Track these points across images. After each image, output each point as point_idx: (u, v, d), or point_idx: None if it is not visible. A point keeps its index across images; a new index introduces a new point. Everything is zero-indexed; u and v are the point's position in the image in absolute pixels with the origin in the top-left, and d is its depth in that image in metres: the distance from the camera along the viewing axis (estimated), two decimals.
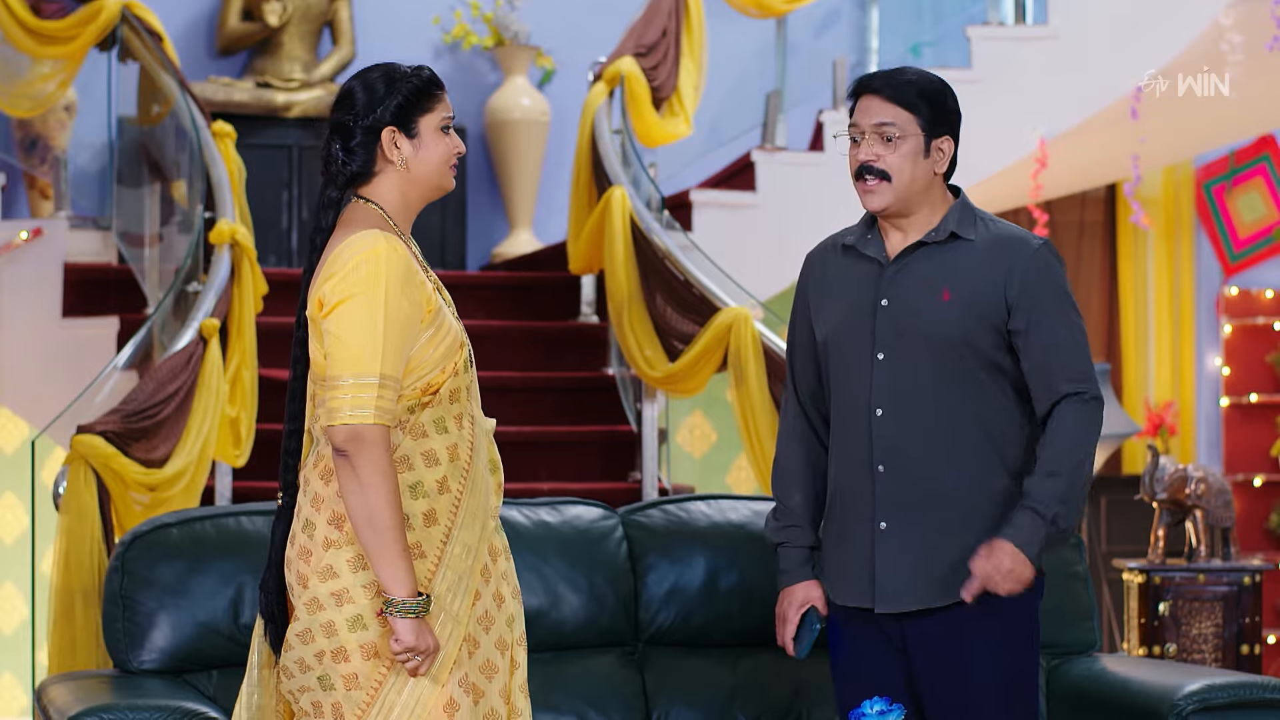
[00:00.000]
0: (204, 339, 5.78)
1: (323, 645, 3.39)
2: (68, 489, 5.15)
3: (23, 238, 7.39)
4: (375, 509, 3.30)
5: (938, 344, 3.79)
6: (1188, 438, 10.01)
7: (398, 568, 3.31)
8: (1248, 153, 10.03)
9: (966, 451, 3.80)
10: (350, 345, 3.33)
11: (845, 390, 3.88)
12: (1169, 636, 6.07)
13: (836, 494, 3.93)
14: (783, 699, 4.60)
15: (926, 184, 3.83)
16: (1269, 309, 10.00)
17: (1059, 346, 3.79)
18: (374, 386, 3.31)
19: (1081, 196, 10.03)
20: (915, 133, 3.81)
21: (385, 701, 3.37)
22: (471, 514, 3.45)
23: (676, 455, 8.96)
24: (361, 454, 3.31)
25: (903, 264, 3.85)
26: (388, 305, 3.33)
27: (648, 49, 7.44)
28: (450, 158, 3.51)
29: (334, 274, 3.36)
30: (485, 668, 3.45)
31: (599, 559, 4.61)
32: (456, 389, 3.46)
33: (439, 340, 3.42)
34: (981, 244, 3.84)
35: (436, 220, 8.93)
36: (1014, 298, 3.79)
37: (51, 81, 7.33)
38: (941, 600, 3.80)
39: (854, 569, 3.87)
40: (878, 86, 3.84)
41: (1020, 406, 3.85)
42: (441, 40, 9.28)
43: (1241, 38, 7.50)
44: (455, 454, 3.44)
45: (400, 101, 3.45)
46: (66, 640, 5.04)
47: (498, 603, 3.50)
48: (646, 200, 7.12)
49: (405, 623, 3.32)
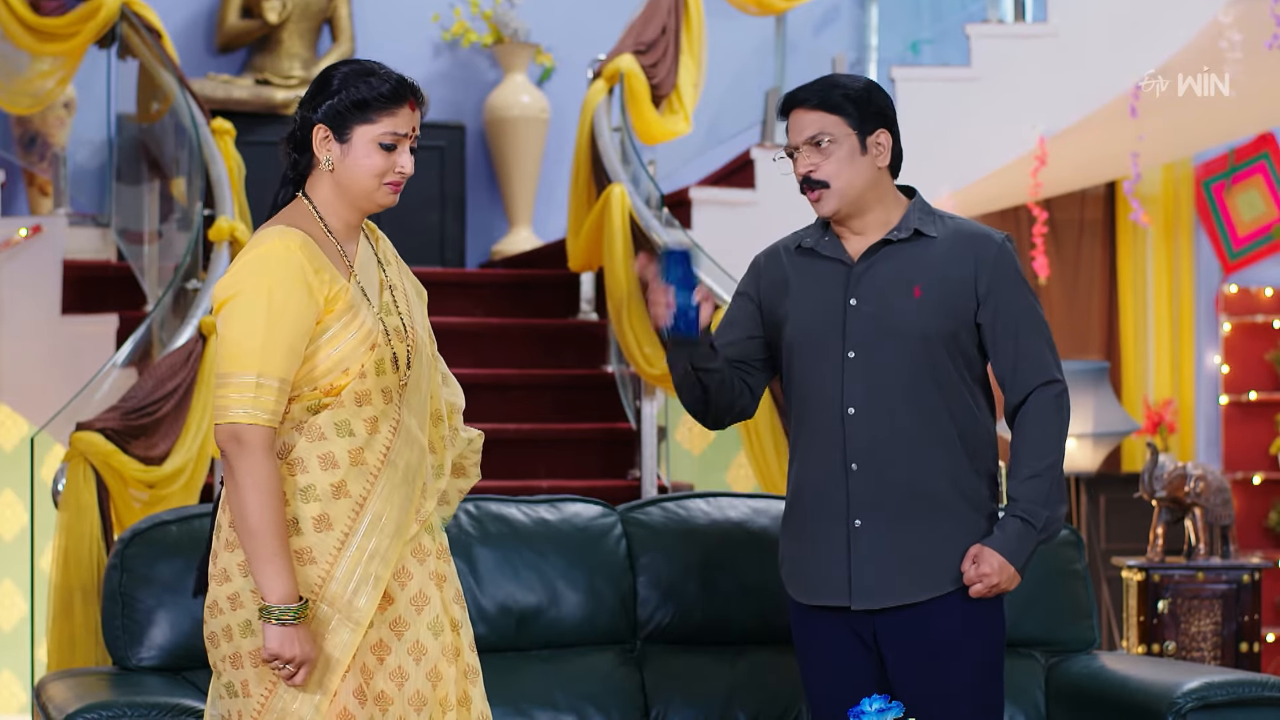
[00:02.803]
0: (203, 336, 5.78)
1: (224, 649, 3.33)
2: (67, 486, 5.16)
3: (22, 235, 7.39)
4: (249, 511, 3.22)
5: (910, 341, 3.83)
6: (1187, 436, 10.01)
7: (268, 572, 3.22)
8: (1247, 151, 10.03)
9: (939, 448, 3.83)
10: (233, 343, 3.25)
11: (815, 390, 3.90)
12: (1168, 634, 6.07)
13: (801, 494, 3.94)
14: (781, 696, 4.60)
15: (871, 181, 3.87)
16: (1268, 307, 10.00)
17: (1026, 339, 3.85)
18: (253, 385, 3.23)
19: (1081, 194, 10.03)
20: (847, 133, 3.85)
21: (275, 709, 3.28)
22: (379, 519, 3.33)
23: (675, 453, 8.94)
24: (239, 455, 3.22)
25: (869, 263, 3.88)
26: (271, 303, 3.24)
27: (647, 46, 7.44)
28: (386, 174, 3.38)
29: (228, 270, 3.32)
30: (396, 674, 3.35)
31: (598, 557, 4.61)
32: (365, 391, 3.34)
33: (343, 339, 3.32)
34: (945, 240, 3.88)
35: (436, 218, 8.95)
36: (983, 292, 3.84)
37: (51, 79, 7.32)
38: (918, 596, 3.83)
39: (825, 568, 3.89)
40: (802, 99, 3.89)
41: (987, 402, 3.91)
42: (441, 37, 9.27)
43: (1241, 35, 7.50)
44: (359, 458, 3.32)
45: (337, 103, 3.37)
46: (65, 637, 5.04)
47: (417, 608, 3.38)
48: (646, 198, 7.11)
49: (272, 629, 3.22)
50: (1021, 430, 3.85)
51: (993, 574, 3.79)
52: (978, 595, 3.80)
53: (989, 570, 3.79)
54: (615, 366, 7.27)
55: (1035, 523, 3.80)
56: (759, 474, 6.38)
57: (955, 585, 3.82)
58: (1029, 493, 3.80)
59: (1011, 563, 3.79)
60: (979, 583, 3.80)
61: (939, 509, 3.83)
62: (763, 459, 6.27)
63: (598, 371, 7.44)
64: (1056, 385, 3.85)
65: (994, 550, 3.80)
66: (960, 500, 3.84)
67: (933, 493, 3.83)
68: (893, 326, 3.83)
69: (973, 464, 3.86)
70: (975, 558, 3.81)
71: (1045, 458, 3.82)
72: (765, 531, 4.68)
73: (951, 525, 3.83)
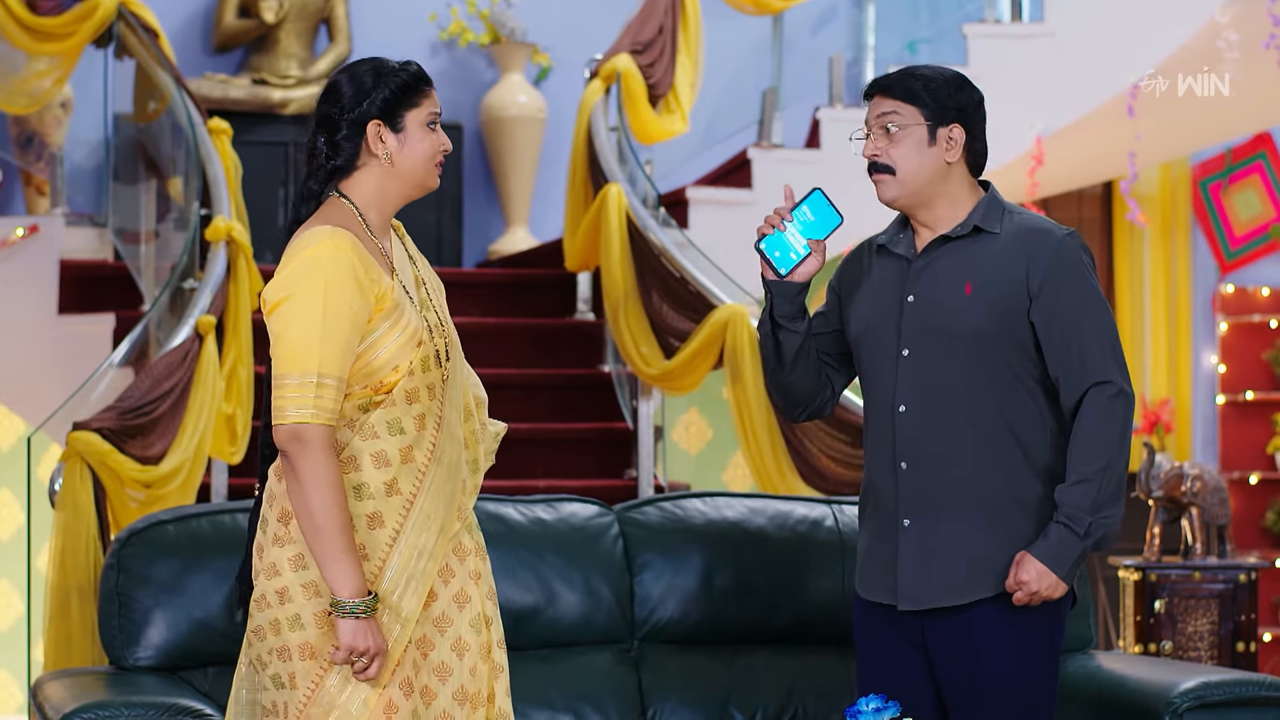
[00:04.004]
0: (200, 336, 5.78)
1: (272, 643, 3.36)
2: (63, 486, 5.15)
3: (19, 234, 7.39)
4: (314, 510, 3.26)
5: (961, 339, 3.77)
6: (1184, 435, 10.01)
7: (337, 568, 3.26)
8: (1244, 150, 10.04)
9: (991, 449, 3.77)
10: (290, 344, 3.28)
11: (873, 387, 3.87)
12: (1165, 634, 6.07)
13: (866, 492, 3.93)
14: (778, 696, 4.60)
15: (937, 174, 3.82)
16: (1265, 306, 10.01)
17: (1082, 338, 3.76)
18: (313, 385, 3.26)
19: (1078, 194, 10.04)
20: (918, 123, 3.80)
21: (322, 702, 3.32)
22: (427, 516, 3.38)
23: (672, 452, 8.96)
24: (301, 454, 3.26)
25: (928, 260, 3.84)
26: (327, 302, 3.28)
27: (644, 46, 7.44)
28: (436, 154, 3.48)
29: (279, 271, 3.33)
30: (439, 669, 3.40)
31: (595, 556, 4.61)
32: (414, 389, 3.39)
33: (392, 338, 3.36)
34: (1006, 236, 3.81)
35: (433, 217, 8.94)
36: (1036, 289, 3.76)
37: (47, 78, 7.32)
38: (958, 599, 3.78)
39: (879, 566, 3.86)
40: (884, 84, 3.86)
41: (1049, 404, 3.81)
42: (438, 37, 9.27)
43: (1238, 35, 7.50)
44: (409, 456, 3.37)
45: (387, 95, 3.42)
46: (62, 637, 5.04)
47: (459, 604, 3.44)
48: (643, 197, 7.12)
49: (345, 623, 3.27)
50: (1074, 435, 3.75)
51: (1031, 581, 3.71)
52: (1020, 603, 3.74)
53: (1027, 578, 3.71)
54: (612, 366, 7.27)
55: (1078, 529, 3.70)
56: (756, 474, 6.38)
57: (998, 589, 3.76)
58: (1075, 498, 3.71)
59: (1054, 570, 3.71)
60: (1019, 590, 3.74)
61: (986, 511, 3.76)
62: (759, 459, 6.27)
63: (594, 371, 7.44)
64: (1110, 387, 3.74)
65: (1035, 558, 3.72)
66: (1013, 504, 3.77)
67: (981, 494, 3.76)
68: (944, 324, 3.78)
69: (1032, 466, 3.78)
70: (1017, 564, 3.74)
71: (1093, 462, 3.71)
72: (762, 531, 4.68)
73: (1000, 528, 3.76)
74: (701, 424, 9.30)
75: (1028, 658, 3.81)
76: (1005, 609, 3.77)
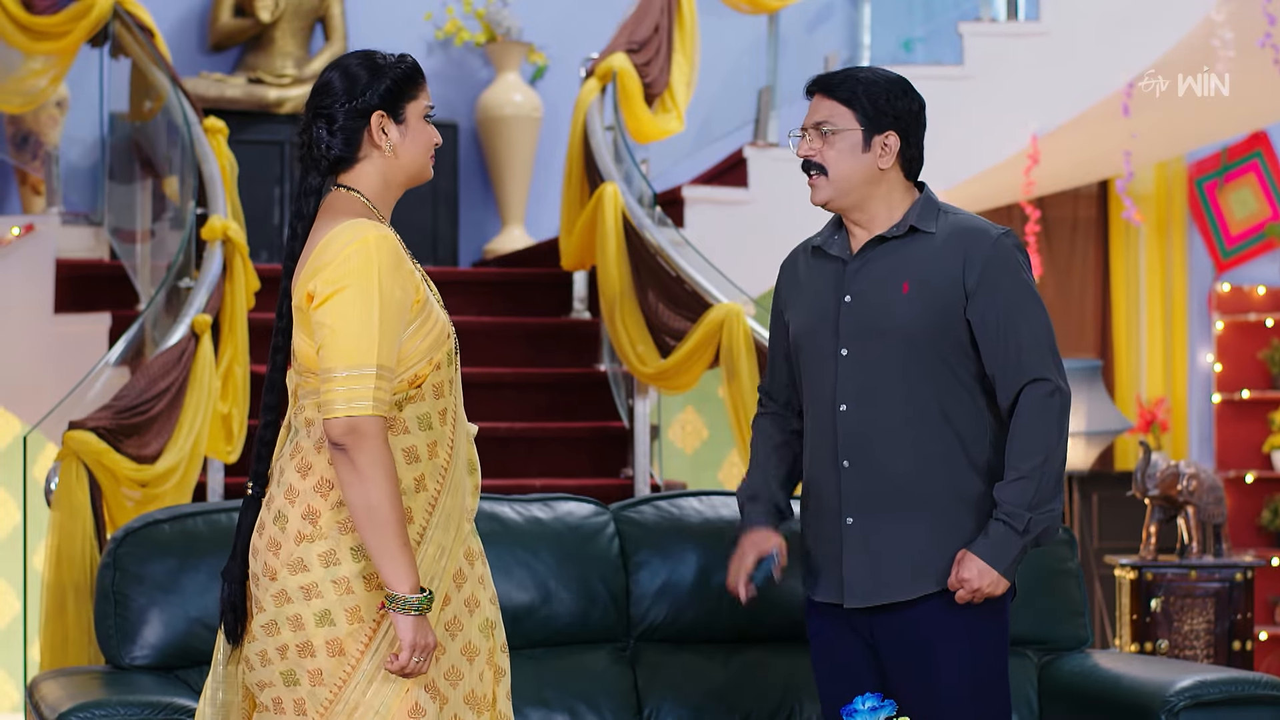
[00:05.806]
0: (196, 335, 5.78)
1: (288, 639, 3.32)
2: (60, 485, 5.15)
3: (14, 234, 7.38)
4: (375, 503, 3.23)
5: (899, 338, 3.81)
6: (1180, 434, 10.02)
7: (399, 562, 3.23)
8: (1239, 149, 10.04)
9: (931, 446, 3.80)
10: (345, 336, 3.25)
11: (813, 387, 3.91)
12: (1161, 633, 6.07)
13: (806, 491, 3.96)
14: (774, 695, 4.60)
15: (870, 179, 3.85)
16: (1261, 305, 10.01)
17: (1018, 336, 3.78)
18: (371, 377, 3.24)
19: (1074, 193, 10.04)
20: (852, 128, 3.83)
21: (349, 700, 3.30)
22: (448, 514, 3.38)
23: (668, 451, 8.96)
24: (360, 447, 3.23)
25: (864, 260, 3.87)
26: (381, 294, 3.26)
27: (640, 45, 7.44)
28: (430, 147, 3.48)
29: (325, 265, 3.29)
30: (450, 673, 3.38)
31: (591, 555, 4.61)
32: (440, 383, 3.39)
33: (426, 331, 3.36)
34: (941, 236, 3.85)
35: (428, 216, 8.94)
36: (972, 287, 3.79)
37: (43, 77, 7.31)
38: (904, 595, 3.82)
39: (825, 565, 3.90)
40: (824, 84, 3.89)
41: (988, 402, 3.85)
42: (433, 36, 9.27)
43: (1233, 34, 7.51)
44: (434, 452, 3.37)
45: (389, 85, 3.41)
46: (58, 636, 5.04)
47: (470, 608, 3.42)
48: (638, 196, 7.11)
49: (405, 620, 3.24)
50: (1010, 433, 3.78)
51: (973, 579, 3.75)
52: (962, 601, 3.78)
53: (969, 576, 3.76)
54: (608, 365, 7.27)
55: (1017, 526, 3.74)
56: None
57: (942, 585, 3.80)
58: (1013, 495, 3.75)
59: (995, 567, 3.75)
60: (961, 588, 3.78)
61: (929, 508, 3.81)
62: None
63: (590, 370, 7.44)
64: (1046, 384, 3.76)
65: (975, 555, 3.76)
66: (955, 500, 3.81)
67: (923, 492, 3.81)
68: (881, 323, 3.82)
69: (972, 462, 3.82)
70: (958, 563, 3.78)
71: (1031, 459, 3.75)
72: None
73: (942, 525, 3.81)
74: (697, 423, 9.30)
75: (975, 651, 3.84)
76: (951, 604, 3.80)
